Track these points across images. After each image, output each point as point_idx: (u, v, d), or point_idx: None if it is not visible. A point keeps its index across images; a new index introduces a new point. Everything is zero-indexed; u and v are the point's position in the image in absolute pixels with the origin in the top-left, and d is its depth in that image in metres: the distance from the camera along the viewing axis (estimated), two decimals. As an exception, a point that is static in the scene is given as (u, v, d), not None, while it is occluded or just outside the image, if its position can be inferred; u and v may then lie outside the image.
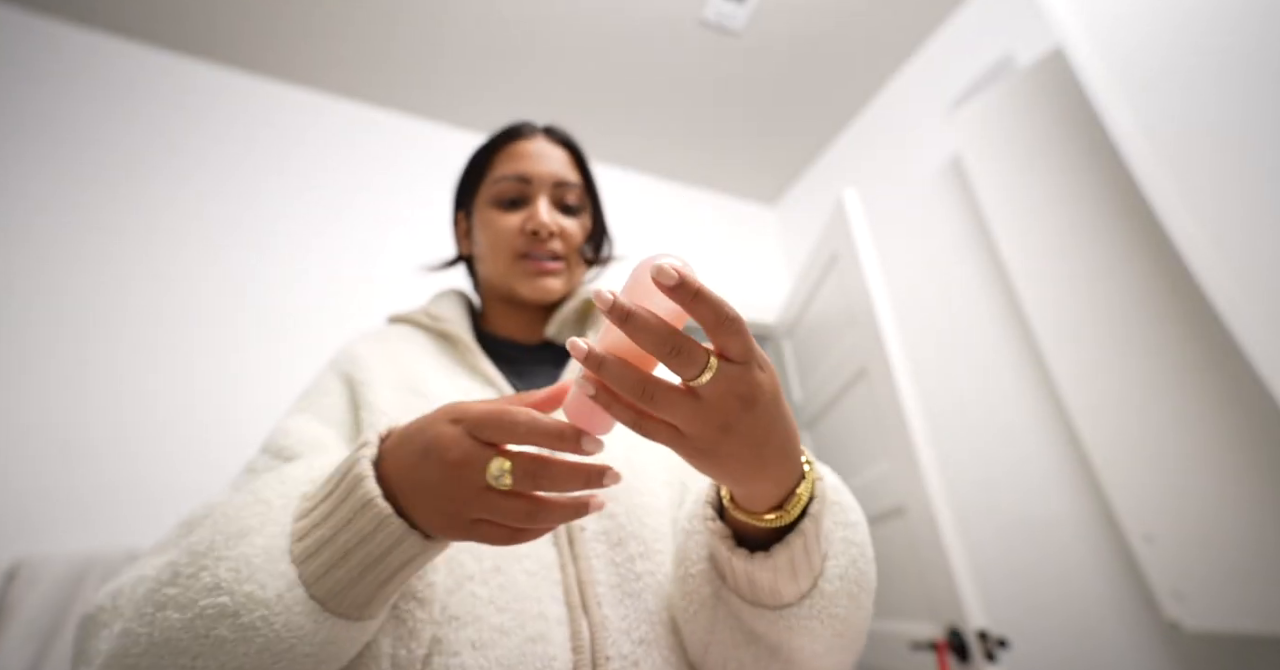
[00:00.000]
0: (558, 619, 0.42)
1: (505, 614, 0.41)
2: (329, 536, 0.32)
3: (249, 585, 0.30)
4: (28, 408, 1.25)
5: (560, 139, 0.67)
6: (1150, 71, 0.98)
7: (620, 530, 0.47)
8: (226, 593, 0.30)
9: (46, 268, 1.38)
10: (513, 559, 0.44)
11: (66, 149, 1.51)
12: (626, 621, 0.44)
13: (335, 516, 0.32)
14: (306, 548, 0.32)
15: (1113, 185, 1.19)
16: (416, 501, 0.31)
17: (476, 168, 0.65)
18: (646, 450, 0.54)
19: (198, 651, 0.30)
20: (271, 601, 0.30)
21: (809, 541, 0.37)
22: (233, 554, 0.32)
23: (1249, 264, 0.84)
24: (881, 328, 1.36)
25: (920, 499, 1.22)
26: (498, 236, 0.60)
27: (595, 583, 0.45)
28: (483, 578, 0.42)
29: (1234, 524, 0.98)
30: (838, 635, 0.40)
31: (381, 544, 0.31)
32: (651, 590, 0.46)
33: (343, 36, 1.73)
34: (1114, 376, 1.16)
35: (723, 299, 0.28)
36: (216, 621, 0.30)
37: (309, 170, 1.78)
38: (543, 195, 0.61)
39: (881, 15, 1.77)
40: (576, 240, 0.62)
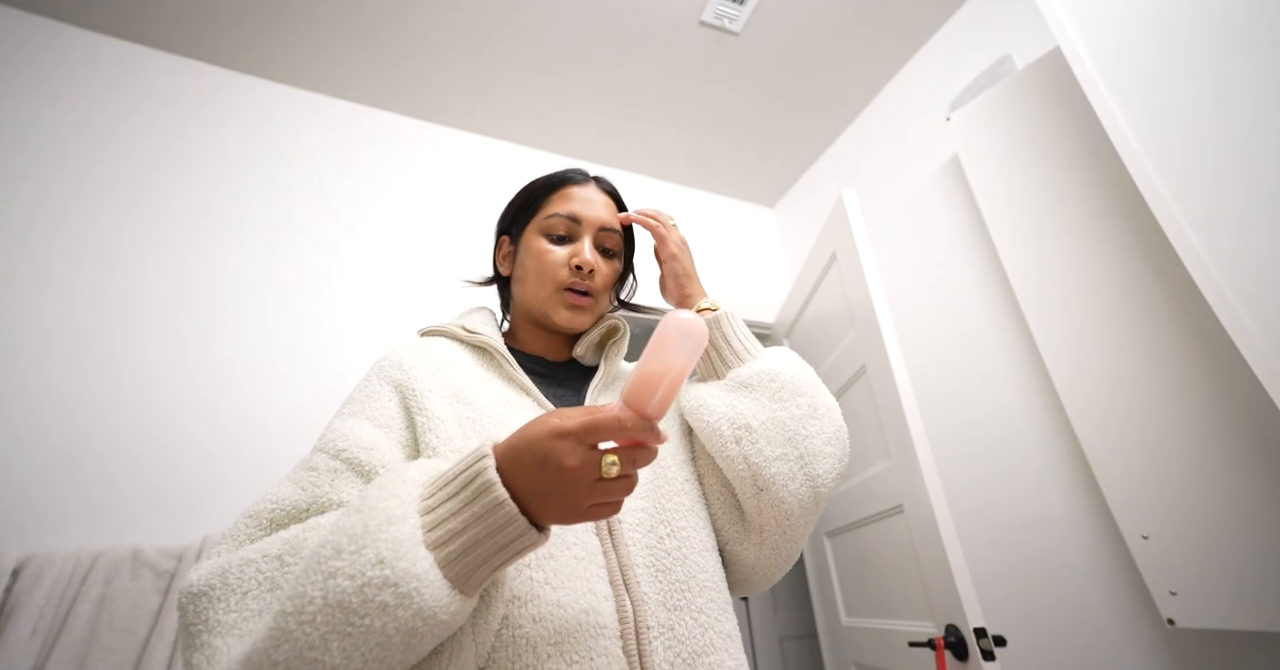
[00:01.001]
0: (604, 596, 0.50)
1: (560, 591, 0.48)
2: (459, 529, 0.40)
3: (404, 562, 0.37)
4: (31, 407, 1.26)
5: (607, 189, 0.75)
6: (1147, 72, 0.99)
7: (651, 517, 0.57)
8: (389, 566, 0.37)
9: (48, 267, 1.39)
10: (562, 547, 0.51)
11: (67, 149, 1.51)
12: (661, 594, 0.53)
13: (464, 514, 0.40)
14: (439, 538, 0.40)
15: (1110, 185, 1.20)
16: (538, 502, 0.40)
17: (530, 202, 0.72)
18: (667, 454, 0.64)
19: (365, 612, 0.36)
20: (422, 576, 0.37)
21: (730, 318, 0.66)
22: (387, 536, 0.38)
23: (1245, 264, 0.85)
24: (880, 327, 1.37)
25: (919, 498, 1.23)
26: (545, 266, 0.67)
27: (634, 566, 0.53)
28: (538, 564, 0.49)
29: (1229, 523, 0.98)
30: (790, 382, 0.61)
31: (508, 536, 0.40)
32: (679, 563, 0.55)
33: (344, 40, 1.73)
34: (1111, 376, 1.17)
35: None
36: (380, 589, 0.36)
37: (316, 172, 1.78)
38: (588, 236, 0.69)
39: (881, 16, 1.78)
40: (609, 280, 0.71)
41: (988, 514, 1.48)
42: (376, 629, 0.36)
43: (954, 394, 1.61)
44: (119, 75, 1.64)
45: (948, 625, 1.12)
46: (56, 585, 1.09)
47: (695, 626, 0.52)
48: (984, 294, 1.56)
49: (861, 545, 1.52)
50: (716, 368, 0.64)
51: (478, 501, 0.40)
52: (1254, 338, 0.82)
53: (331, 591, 0.36)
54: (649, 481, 0.60)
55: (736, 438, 0.59)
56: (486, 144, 2.13)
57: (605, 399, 0.67)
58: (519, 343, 0.73)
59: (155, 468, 1.30)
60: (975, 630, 1.07)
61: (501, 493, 0.39)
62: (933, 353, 1.70)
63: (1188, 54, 0.95)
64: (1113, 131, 1.01)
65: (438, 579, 0.38)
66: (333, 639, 0.36)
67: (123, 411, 1.32)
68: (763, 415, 0.59)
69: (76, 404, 1.29)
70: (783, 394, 0.60)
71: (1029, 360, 1.42)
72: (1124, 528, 1.11)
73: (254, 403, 1.44)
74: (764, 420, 0.59)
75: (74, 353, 1.33)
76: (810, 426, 0.60)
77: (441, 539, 0.39)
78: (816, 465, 0.59)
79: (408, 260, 1.80)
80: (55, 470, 1.22)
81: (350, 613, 0.36)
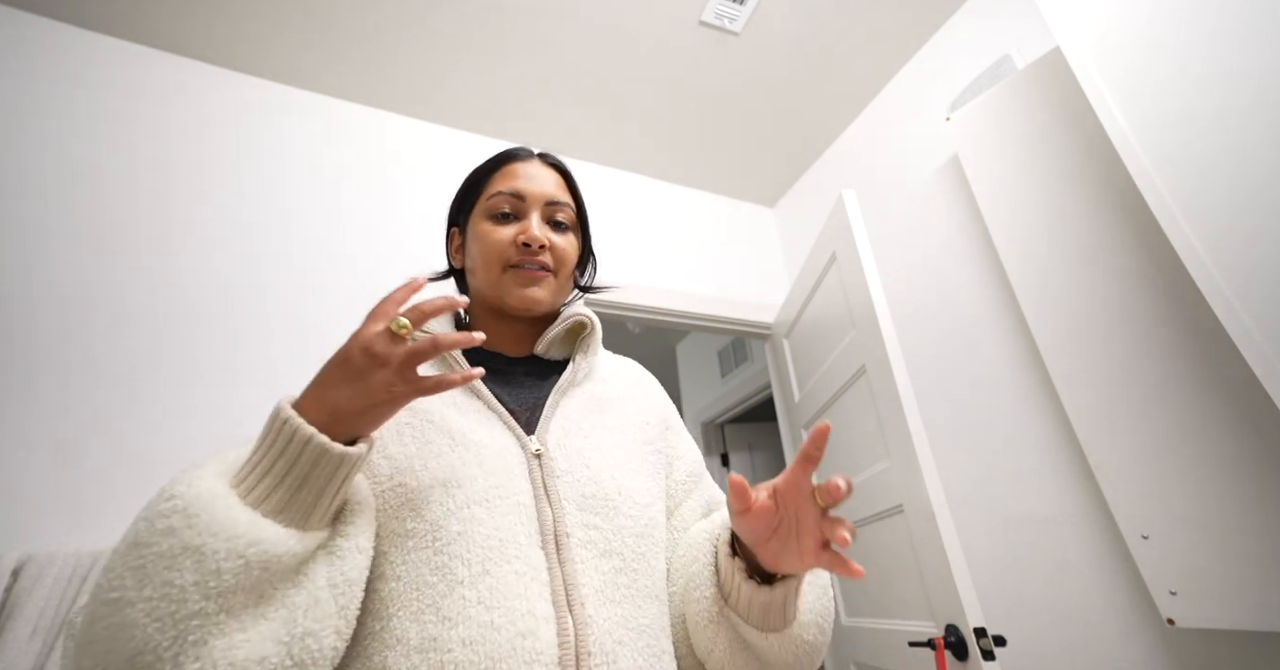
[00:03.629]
0: (545, 616, 0.46)
1: (495, 612, 0.45)
2: (260, 464, 0.41)
3: (193, 489, 0.38)
4: (31, 406, 1.26)
5: (552, 163, 0.70)
6: (1147, 72, 0.99)
7: (606, 543, 0.53)
8: (179, 497, 0.38)
9: (46, 266, 1.39)
10: (502, 561, 0.47)
11: (67, 150, 1.51)
12: (608, 623, 0.49)
13: (267, 451, 0.41)
14: (244, 477, 0.41)
15: (1110, 185, 1.20)
16: (354, 399, 0.42)
17: (473, 186, 0.68)
18: (629, 473, 0.59)
19: (152, 540, 0.36)
20: (210, 495, 0.38)
21: (799, 584, 0.53)
22: (184, 478, 0.39)
23: (1245, 263, 0.85)
24: (881, 327, 1.37)
25: (919, 497, 1.23)
26: (490, 247, 0.63)
27: (580, 585, 0.49)
28: (471, 582, 0.46)
29: (1229, 522, 0.98)
30: (806, 654, 0.54)
31: (311, 452, 0.40)
32: (629, 600, 0.51)
33: (342, 39, 1.73)
34: (1111, 375, 1.17)
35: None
36: (169, 516, 0.37)
37: (315, 171, 1.78)
38: (535, 212, 0.64)
39: (881, 17, 1.78)
40: (565, 256, 0.65)
41: (988, 514, 1.48)
42: (164, 551, 0.36)
43: (954, 394, 1.61)
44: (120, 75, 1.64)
45: (947, 625, 1.12)
46: (56, 585, 1.09)
47: (636, 666, 0.48)
48: (984, 294, 1.56)
49: (861, 545, 1.52)
50: (747, 617, 0.53)
51: (278, 437, 0.41)
52: (1254, 338, 0.82)
53: (129, 535, 0.38)
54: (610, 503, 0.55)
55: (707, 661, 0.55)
56: (486, 143, 2.13)
57: (571, 400, 0.62)
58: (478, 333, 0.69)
59: (155, 468, 1.30)
60: (975, 630, 1.07)
61: (288, 412, 0.41)
62: (933, 353, 1.70)
63: (1187, 53, 0.95)
64: (1113, 131, 1.01)
65: (235, 502, 0.39)
66: (128, 575, 0.36)
67: (123, 411, 1.32)
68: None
69: (76, 404, 1.29)
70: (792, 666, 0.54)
71: (1028, 360, 1.42)
72: (1124, 528, 1.11)
73: (254, 402, 1.44)
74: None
75: (74, 353, 1.33)
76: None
77: (243, 477, 0.41)
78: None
79: (408, 260, 1.79)
80: (53, 471, 1.22)
81: (141, 546, 0.37)
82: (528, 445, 0.55)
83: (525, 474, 0.53)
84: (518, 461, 0.54)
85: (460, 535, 0.47)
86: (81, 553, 1.13)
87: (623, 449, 0.60)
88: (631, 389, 0.69)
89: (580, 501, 0.53)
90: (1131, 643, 1.17)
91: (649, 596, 0.53)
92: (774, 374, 2.21)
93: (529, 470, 0.54)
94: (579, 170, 2.24)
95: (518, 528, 0.49)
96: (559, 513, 0.52)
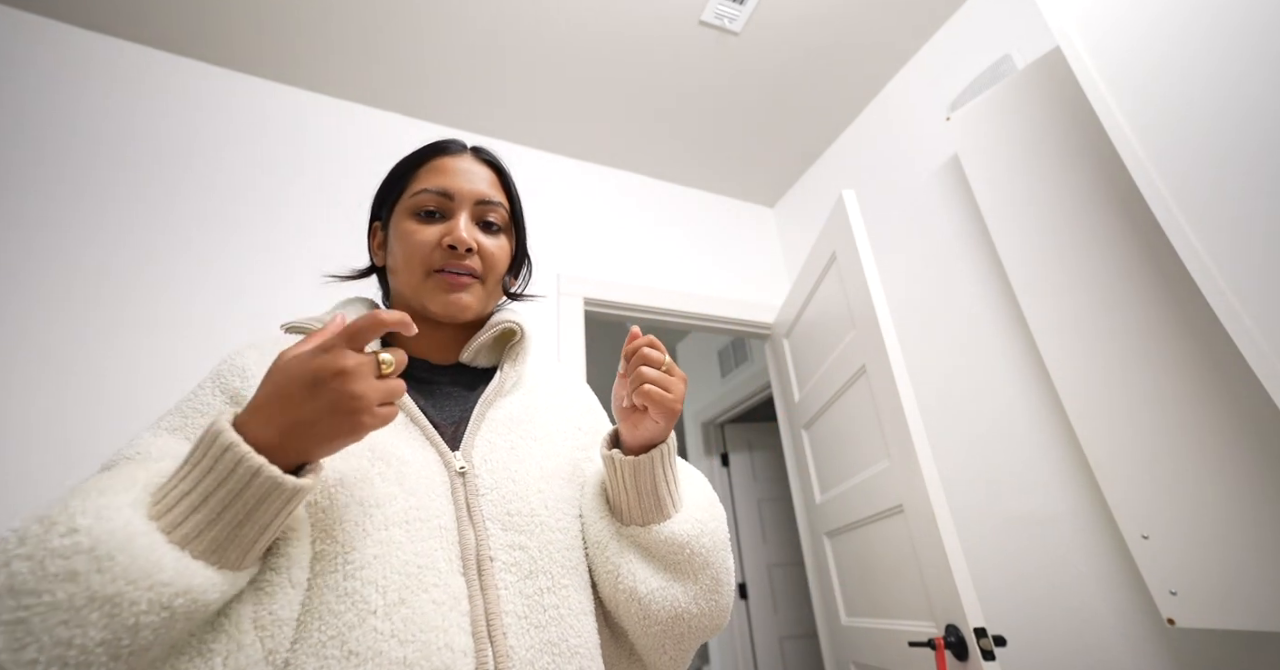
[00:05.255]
0: (463, 650, 0.43)
1: (409, 646, 0.41)
2: (190, 492, 0.35)
3: (105, 524, 0.31)
4: (31, 407, 1.26)
5: (486, 159, 0.66)
6: (1147, 72, 0.99)
7: (532, 563, 0.50)
8: (83, 533, 0.31)
9: (47, 267, 1.39)
10: (420, 590, 0.43)
11: (67, 150, 1.51)
12: (531, 651, 0.46)
13: (199, 479, 0.35)
14: (165, 507, 0.34)
15: (1110, 185, 1.20)
16: (318, 428, 0.37)
17: (398, 179, 0.64)
18: (558, 485, 0.57)
19: (44, 588, 0.29)
20: (126, 532, 0.32)
21: (665, 458, 0.54)
22: (89, 506, 0.32)
23: (1245, 263, 0.85)
24: (880, 327, 1.37)
25: (919, 497, 1.23)
26: (413, 249, 0.58)
27: (503, 613, 0.46)
28: (385, 612, 0.42)
29: (1229, 522, 0.98)
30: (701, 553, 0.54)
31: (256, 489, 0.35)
32: (556, 622, 0.48)
33: (341, 38, 1.73)
34: (1111, 375, 1.17)
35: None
36: (69, 557, 0.30)
37: (316, 170, 1.78)
38: (464, 212, 0.60)
39: (881, 16, 1.78)
40: (495, 260, 0.61)
41: (988, 514, 1.48)
42: (62, 602, 0.29)
43: (954, 394, 1.61)
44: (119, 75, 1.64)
45: (948, 625, 1.12)
46: (56, 585, 1.08)
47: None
48: (984, 294, 1.56)
49: (861, 545, 1.52)
50: (627, 511, 0.54)
51: (215, 463, 0.35)
52: (1254, 338, 0.82)
53: (1, 579, 0.30)
54: (537, 518, 0.52)
55: (616, 600, 0.53)
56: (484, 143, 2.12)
57: (498, 411, 0.59)
58: (401, 342, 0.62)
59: (155, 468, 1.30)
60: (975, 630, 1.07)
61: (230, 436, 0.35)
62: (933, 353, 1.70)
63: (1187, 53, 0.95)
64: (1113, 131, 1.01)
65: (160, 540, 0.33)
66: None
67: (123, 411, 1.32)
68: (654, 584, 0.52)
69: (76, 404, 1.29)
70: (688, 567, 0.53)
71: (1029, 360, 1.42)
72: (1124, 528, 1.11)
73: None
74: (654, 589, 0.52)
75: (74, 353, 1.33)
76: (703, 603, 0.54)
77: (167, 507, 0.34)
78: (697, 637, 0.55)
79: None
80: (52, 472, 1.22)
81: (24, 594, 0.29)
82: (451, 462, 0.52)
83: (448, 493, 0.50)
84: (440, 480, 0.50)
85: (376, 559, 0.43)
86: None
87: (552, 460, 0.58)
88: (561, 396, 0.66)
89: (505, 520, 0.51)
90: (1131, 643, 1.17)
91: (580, 614, 0.51)
92: (774, 374, 2.21)
93: (451, 490, 0.50)
94: (579, 170, 2.24)
95: (438, 553, 0.46)
96: (482, 535, 0.49)
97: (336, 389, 0.36)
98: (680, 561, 0.53)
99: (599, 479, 0.58)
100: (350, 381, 0.37)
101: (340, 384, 0.36)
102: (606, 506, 0.56)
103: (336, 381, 0.36)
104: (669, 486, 0.55)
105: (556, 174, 2.19)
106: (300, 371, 0.37)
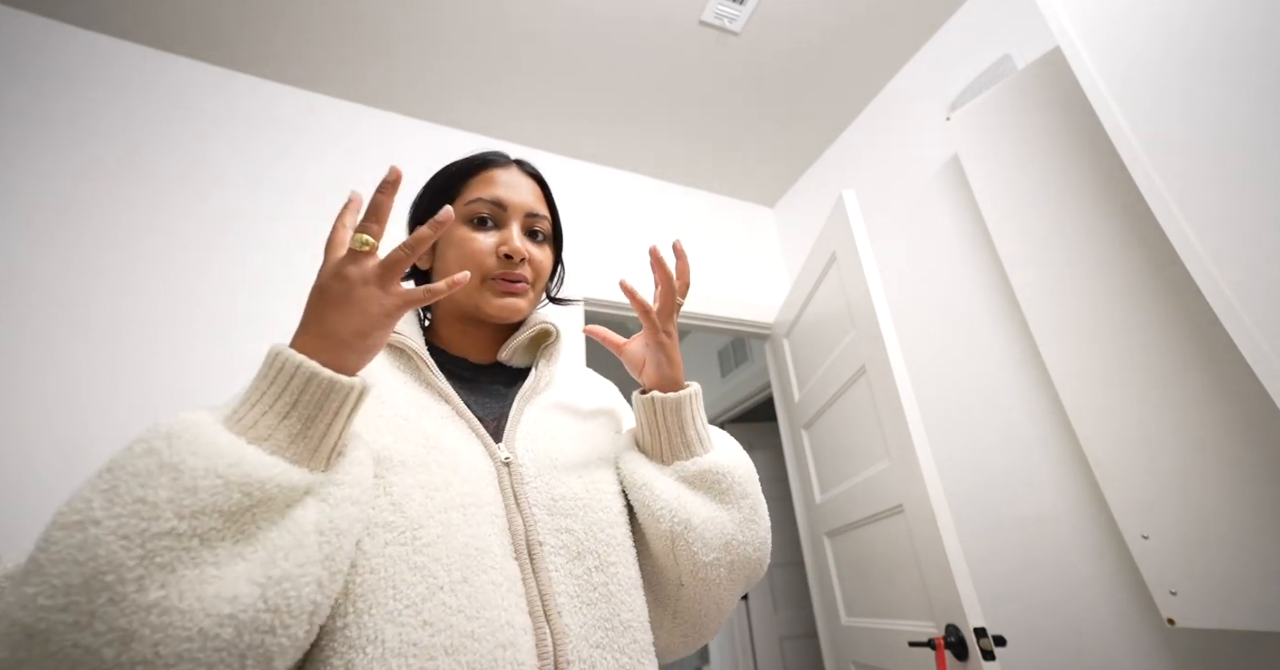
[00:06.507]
0: (523, 628, 0.46)
1: (475, 621, 0.44)
2: (259, 402, 0.40)
3: (181, 417, 0.37)
4: (31, 407, 1.26)
5: (531, 172, 0.70)
6: (1147, 72, 0.99)
7: (579, 544, 0.53)
8: (162, 424, 0.37)
9: (48, 267, 1.39)
10: (479, 571, 0.47)
11: (64, 150, 1.51)
12: (585, 628, 0.49)
13: (265, 390, 0.40)
14: (241, 416, 0.39)
15: (1110, 185, 1.20)
16: (341, 322, 0.42)
17: (446, 188, 0.67)
18: (596, 469, 0.60)
19: (128, 461, 0.35)
20: (198, 422, 0.37)
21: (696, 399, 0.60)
22: (168, 418, 0.37)
23: (1245, 263, 0.85)
24: (880, 327, 1.37)
25: (919, 497, 1.23)
26: (469, 255, 0.62)
27: (555, 594, 0.50)
28: (452, 588, 0.45)
29: (1228, 522, 0.98)
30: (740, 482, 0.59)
31: (301, 381, 0.40)
32: (605, 599, 0.52)
33: (341, 38, 1.73)
34: (1111, 375, 1.17)
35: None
36: (149, 439, 0.36)
37: (318, 171, 1.78)
38: (516, 222, 0.64)
39: (880, 16, 1.78)
40: (542, 269, 0.66)
41: (988, 514, 1.48)
42: (139, 470, 0.34)
43: (954, 394, 1.61)
44: (120, 75, 1.64)
45: (948, 625, 1.12)
46: (56, 585, 1.08)
47: (616, 667, 0.49)
48: (984, 294, 1.56)
49: (861, 545, 1.52)
50: (667, 452, 0.59)
51: (278, 375, 0.41)
52: (1254, 337, 0.82)
53: (102, 464, 0.36)
54: (580, 502, 0.56)
55: (673, 533, 0.55)
56: (485, 143, 2.12)
57: (535, 406, 0.63)
58: (442, 341, 0.67)
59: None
60: (975, 630, 1.07)
61: (286, 350, 0.41)
62: (933, 353, 1.70)
63: (1187, 53, 0.95)
64: (1113, 131, 1.01)
65: (222, 429, 0.37)
66: (95, 497, 0.34)
67: (123, 412, 1.32)
68: (704, 513, 0.56)
69: (76, 404, 1.29)
70: (729, 495, 0.57)
71: (1029, 360, 1.42)
72: (1124, 528, 1.12)
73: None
74: (705, 519, 0.56)
75: (74, 353, 1.33)
76: (747, 532, 0.57)
77: (239, 417, 0.39)
78: (745, 570, 0.58)
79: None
80: (55, 470, 1.22)
81: (115, 469, 0.35)
82: (496, 453, 0.56)
83: (495, 482, 0.53)
84: (488, 470, 0.54)
85: (440, 539, 0.46)
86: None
87: (587, 448, 0.62)
88: (590, 394, 0.71)
89: (550, 506, 0.54)
90: (1131, 642, 1.17)
91: (630, 588, 0.54)
92: (774, 374, 2.21)
93: (498, 479, 0.54)
94: (578, 170, 2.24)
95: (491, 538, 0.49)
96: (530, 521, 0.52)
97: (333, 286, 0.42)
98: (723, 489, 0.57)
99: (630, 437, 0.64)
100: (339, 273, 0.42)
101: (335, 281, 0.42)
102: (644, 455, 0.61)
103: (334, 280, 0.42)
104: (701, 423, 0.60)
105: (556, 173, 2.19)
106: (315, 287, 0.43)
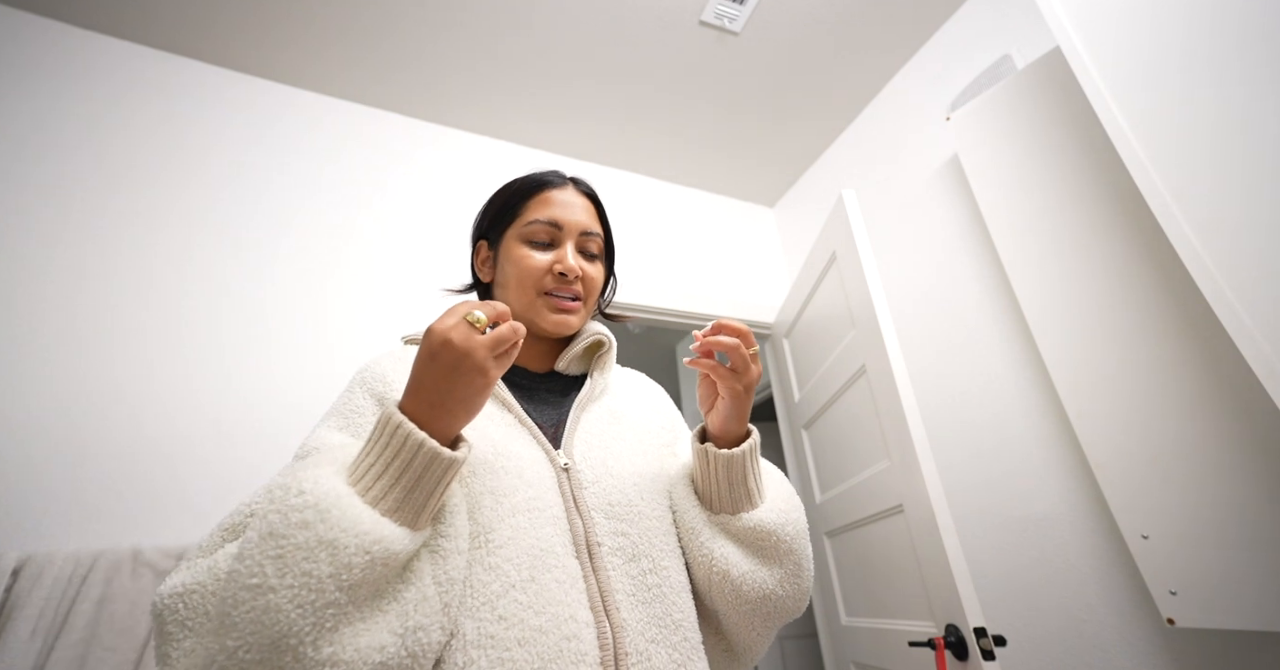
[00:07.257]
0: (585, 622, 0.50)
1: (542, 616, 0.48)
2: (374, 465, 0.44)
3: (321, 487, 0.41)
4: (31, 407, 1.26)
5: (585, 191, 0.74)
6: (1147, 72, 0.99)
7: (634, 548, 0.57)
8: (308, 493, 0.41)
9: (48, 268, 1.39)
10: (544, 569, 0.51)
11: (68, 152, 1.51)
12: (641, 624, 0.53)
13: (381, 454, 0.44)
14: (359, 477, 0.44)
15: (1110, 185, 1.20)
16: (452, 389, 0.45)
17: (507, 208, 0.71)
18: (650, 477, 0.63)
19: (289, 532, 0.39)
20: (336, 494, 0.41)
21: (754, 453, 0.61)
22: (308, 475, 0.42)
23: (1245, 263, 0.85)
24: (880, 327, 1.37)
25: (919, 497, 1.23)
26: (527, 273, 0.66)
27: (614, 591, 0.53)
28: (522, 586, 0.49)
29: (1228, 522, 0.98)
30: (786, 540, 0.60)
31: (416, 454, 0.44)
32: (659, 599, 0.55)
33: (344, 39, 1.73)
34: (1110, 376, 1.17)
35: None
36: (301, 511, 0.40)
37: (319, 173, 1.78)
38: (570, 241, 0.68)
39: (881, 16, 1.78)
40: (594, 284, 0.70)
41: (988, 514, 1.48)
42: (301, 543, 0.39)
43: (954, 394, 1.61)
44: (120, 76, 1.64)
45: (948, 625, 1.12)
46: (56, 585, 1.09)
47: (670, 662, 0.52)
48: (984, 294, 1.56)
49: (861, 545, 1.52)
50: (715, 501, 0.61)
51: (390, 440, 0.44)
52: (1254, 337, 0.82)
53: (263, 526, 0.40)
54: (634, 508, 0.59)
55: (710, 580, 0.59)
56: (486, 144, 2.13)
57: (591, 414, 0.67)
58: None
59: (155, 468, 1.30)
60: (975, 630, 1.07)
61: (399, 417, 0.44)
62: (933, 353, 1.70)
63: (1187, 53, 0.95)
64: (1113, 131, 1.01)
65: (356, 501, 0.42)
66: (267, 563, 0.38)
67: (123, 412, 1.32)
68: (745, 567, 0.58)
69: (76, 404, 1.29)
70: (773, 553, 0.59)
71: (1029, 360, 1.42)
72: (1124, 528, 1.11)
73: (254, 404, 1.44)
74: (744, 572, 0.58)
75: (74, 353, 1.33)
76: (788, 587, 0.59)
77: (358, 477, 0.44)
78: (781, 618, 0.60)
79: (411, 262, 1.80)
80: (55, 470, 1.22)
81: (278, 537, 0.39)
82: (556, 459, 0.59)
83: (555, 487, 0.57)
84: (549, 475, 0.58)
85: (510, 540, 0.51)
86: (81, 553, 1.13)
87: (641, 456, 0.65)
88: (642, 401, 0.75)
89: (607, 510, 0.58)
90: (1131, 643, 1.17)
91: (680, 590, 0.57)
92: (774, 374, 2.21)
93: (559, 483, 0.58)
94: (578, 170, 2.24)
95: (555, 539, 0.53)
96: (589, 523, 0.56)
97: (448, 353, 0.45)
98: (767, 547, 0.59)
99: (686, 470, 0.65)
100: (448, 341, 0.45)
101: (449, 350, 0.45)
102: (696, 496, 0.63)
103: (444, 349, 0.45)
104: (756, 479, 0.61)
105: (556, 174, 2.19)
106: (424, 352, 0.46)
